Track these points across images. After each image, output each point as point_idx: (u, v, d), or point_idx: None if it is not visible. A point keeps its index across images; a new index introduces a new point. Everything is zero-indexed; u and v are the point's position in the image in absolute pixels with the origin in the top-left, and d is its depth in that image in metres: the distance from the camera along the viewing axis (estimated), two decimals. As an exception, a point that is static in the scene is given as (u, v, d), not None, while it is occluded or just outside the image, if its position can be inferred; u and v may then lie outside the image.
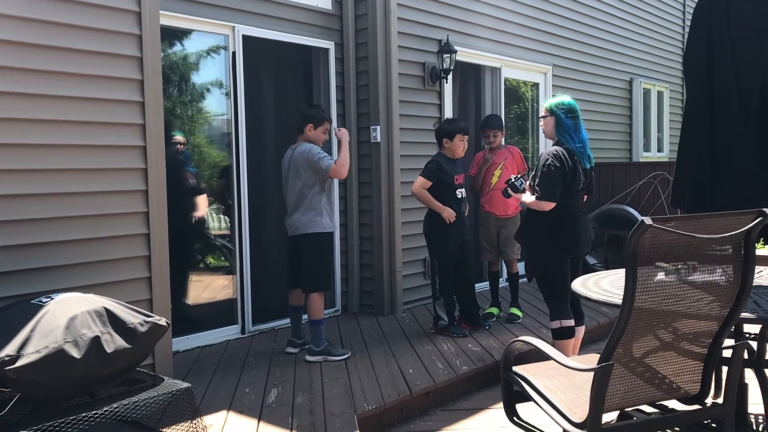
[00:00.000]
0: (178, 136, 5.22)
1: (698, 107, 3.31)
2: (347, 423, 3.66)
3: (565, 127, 4.30)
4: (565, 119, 4.30)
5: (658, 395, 2.62)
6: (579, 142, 4.32)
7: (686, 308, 2.50)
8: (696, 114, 3.33)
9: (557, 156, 4.19)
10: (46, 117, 3.49)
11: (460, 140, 5.35)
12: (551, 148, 4.31)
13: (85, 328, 2.73)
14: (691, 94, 3.37)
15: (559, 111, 4.32)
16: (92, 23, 3.63)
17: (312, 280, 4.76)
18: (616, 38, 9.42)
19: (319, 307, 4.75)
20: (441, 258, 5.36)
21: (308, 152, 4.69)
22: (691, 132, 3.39)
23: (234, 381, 4.36)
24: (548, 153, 4.24)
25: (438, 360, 4.75)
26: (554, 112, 4.34)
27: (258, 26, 5.49)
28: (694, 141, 3.36)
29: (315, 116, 4.87)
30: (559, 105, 4.34)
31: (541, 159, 4.26)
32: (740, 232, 2.45)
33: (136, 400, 2.82)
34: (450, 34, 6.59)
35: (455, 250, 5.37)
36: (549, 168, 4.17)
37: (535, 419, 2.88)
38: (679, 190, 3.45)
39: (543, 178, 4.19)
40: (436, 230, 5.33)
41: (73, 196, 3.60)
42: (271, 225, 5.83)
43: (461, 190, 5.40)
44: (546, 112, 4.41)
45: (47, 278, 3.48)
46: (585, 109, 8.72)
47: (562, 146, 4.27)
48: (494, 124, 5.98)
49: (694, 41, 3.36)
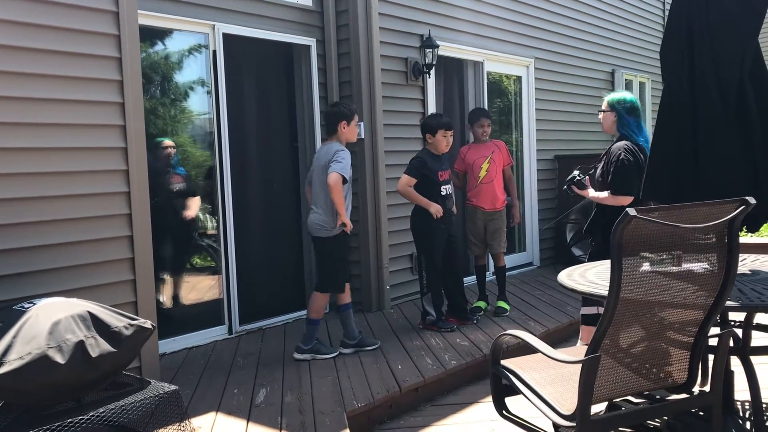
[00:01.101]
0: (167, 140, 5.21)
1: (676, 98, 3.31)
2: (337, 421, 3.65)
3: (626, 122, 4.30)
4: (627, 116, 4.30)
5: (646, 385, 2.63)
6: (643, 137, 4.31)
7: (672, 298, 2.51)
8: (673, 104, 3.33)
9: (629, 150, 4.20)
10: (24, 120, 3.44)
11: (443, 135, 5.33)
12: (620, 143, 4.29)
13: (69, 333, 2.70)
14: (668, 83, 3.36)
15: (620, 108, 4.34)
16: (69, 24, 3.59)
17: (321, 280, 4.85)
18: (598, 30, 9.45)
19: (319, 306, 4.77)
20: (428, 253, 5.36)
21: (332, 152, 4.61)
22: (668, 123, 3.39)
23: (222, 382, 4.34)
24: (619, 148, 4.23)
25: (427, 355, 4.75)
26: (615, 108, 4.36)
27: (238, 24, 5.46)
28: (671, 132, 3.36)
29: (346, 112, 4.78)
30: (621, 101, 4.35)
31: (612, 154, 4.24)
32: (724, 221, 2.46)
33: (123, 404, 2.79)
34: (432, 29, 6.58)
35: (442, 245, 5.37)
36: (623, 162, 4.16)
37: (524, 412, 2.88)
38: (653, 182, 3.43)
39: (618, 173, 4.17)
40: (423, 226, 5.32)
41: (53, 200, 3.56)
42: (256, 224, 5.81)
43: (446, 187, 5.38)
44: (607, 107, 4.42)
45: (29, 283, 3.44)
46: (568, 101, 8.79)
47: (629, 140, 4.26)
48: (484, 114, 6.04)
49: (672, 30, 3.36)
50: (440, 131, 5.33)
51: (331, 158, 4.59)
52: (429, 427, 3.94)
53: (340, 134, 4.76)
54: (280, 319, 5.85)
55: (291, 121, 6.09)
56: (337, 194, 4.52)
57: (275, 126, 5.99)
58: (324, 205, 4.67)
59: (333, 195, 4.52)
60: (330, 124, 4.82)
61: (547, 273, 7.85)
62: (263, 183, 5.87)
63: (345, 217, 4.62)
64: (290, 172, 6.10)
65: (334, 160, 4.56)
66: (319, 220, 4.70)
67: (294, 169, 6.12)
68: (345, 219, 4.62)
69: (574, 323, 5.75)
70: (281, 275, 6.01)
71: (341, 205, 4.58)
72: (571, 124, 8.94)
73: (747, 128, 3.22)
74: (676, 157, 3.32)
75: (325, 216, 4.67)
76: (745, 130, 3.22)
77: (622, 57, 10.05)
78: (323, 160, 4.68)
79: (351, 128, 4.79)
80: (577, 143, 9.02)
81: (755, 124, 3.22)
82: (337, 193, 4.51)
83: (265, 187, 5.89)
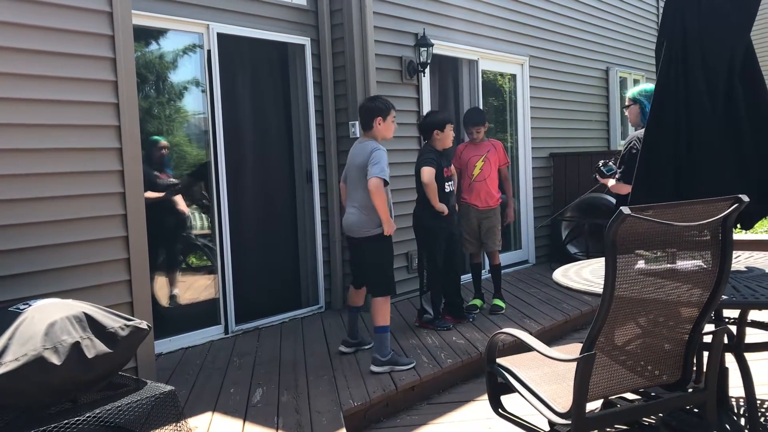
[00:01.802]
0: (162, 141, 5.22)
1: (667, 94, 3.33)
2: (333, 420, 3.65)
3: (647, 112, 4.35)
4: (649, 105, 4.34)
5: (641, 382, 2.64)
6: None
7: (666, 295, 2.52)
8: (665, 102, 3.34)
9: (641, 140, 4.21)
10: (17, 121, 3.43)
11: (450, 130, 5.40)
12: (637, 131, 4.35)
13: (65, 334, 2.69)
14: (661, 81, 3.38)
15: (642, 98, 4.41)
16: (62, 24, 3.57)
17: (374, 284, 4.55)
18: (592, 27, 9.47)
19: (384, 311, 4.45)
20: (430, 251, 5.36)
21: (367, 151, 4.41)
22: (662, 121, 3.40)
23: (218, 382, 4.34)
24: (633, 137, 4.30)
25: (423, 354, 4.76)
26: (638, 99, 4.45)
27: (232, 24, 5.45)
28: (663, 130, 3.37)
29: (382, 108, 4.55)
30: (642, 92, 4.44)
31: (626, 143, 4.33)
32: (718, 219, 2.47)
33: (119, 404, 2.79)
34: (426, 28, 6.59)
35: (444, 243, 5.37)
36: (630, 151, 4.22)
37: (520, 410, 2.89)
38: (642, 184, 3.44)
39: (625, 162, 4.24)
40: (427, 223, 5.33)
41: (48, 201, 3.55)
42: (251, 223, 5.80)
43: (449, 183, 5.41)
44: (630, 102, 4.51)
45: (24, 285, 3.43)
46: (562, 99, 8.81)
47: None
48: (476, 120, 5.93)
49: (665, 27, 3.37)
50: (448, 125, 5.37)
51: (367, 158, 4.38)
52: (425, 425, 3.94)
53: (376, 131, 4.55)
54: (276, 318, 5.86)
55: (286, 120, 6.09)
56: (380, 200, 4.31)
57: (270, 125, 5.99)
58: (361, 204, 4.46)
59: (375, 201, 4.31)
60: (365, 119, 4.58)
61: (542, 271, 7.87)
62: (259, 182, 5.87)
63: (387, 222, 4.41)
64: (286, 171, 6.10)
65: (371, 161, 4.34)
66: (358, 220, 4.48)
67: (289, 167, 6.12)
68: (387, 225, 4.41)
69: (570, 321, 5.77)
70: (277, 274, 6.02)
71: (384, 211, 4.37)
72: (566, 122, 8.95)
73: (735, 125, 3.24)
74: (668, 155, 3.33)
75: (364, 216, 4.45)
76: (734, 128, 3.24)
77: (616, 55, 10.07)
78: (358, 159, 4.47)
79: (387, 124, 4.57)
80: (573, 141, 9.04)
81: (743, 121, 3.24)
82: (380, 198, 4.31)
83: (260, 186, 5.88)
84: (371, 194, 4.32)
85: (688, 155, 3.28)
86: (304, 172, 6.14)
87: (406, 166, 6.33)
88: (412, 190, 5.60)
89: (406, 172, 6.40)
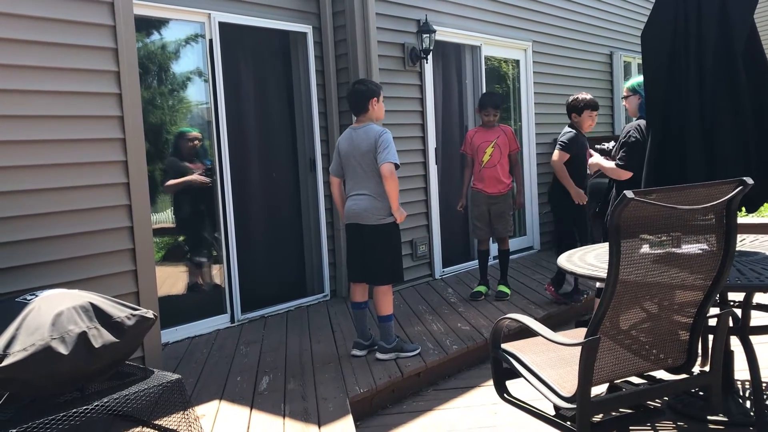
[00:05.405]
0: (192, 132, 5.33)
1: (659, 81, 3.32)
2: (339, 407, 3.67)
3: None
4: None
5: (646, 366, 2.65)
6: None
7: (671, 279, 2.52)
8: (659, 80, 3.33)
9: (639, 129, 4.41)
10: (21, 113, 3.44)
11: (588, 115, 5.59)
12: (636, 121, 4.51)
13: (72, 324, 2.71)
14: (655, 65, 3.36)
15: (641, 89, 4.46)
16: (64, 15, 3.57)
17: (381, 272, 4.45)
18: (595, 12, 9.41)
19: (388, 300, 4.44)
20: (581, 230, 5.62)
21: (373, 136, 4.33)
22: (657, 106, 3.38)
23: (225, 370, 4.36)
24: (631, 126, 4.47)
25: (428, 340, 4.78)
26: (636, 90, 4.55)
27: (234, 12, 5.44)
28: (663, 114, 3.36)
29: (374, 89, 4.49)
30: (640, 84, 4.47)
31: (625, 132, 4.50)
32: (722, 202, 2.47)
33: (127, 393, 2.81)
34: (428, 14, 6.55)
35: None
36: (628, 138, 4.43)
37: (525, 395, 2.90)
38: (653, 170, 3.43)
39: (622, 148, 4.47)
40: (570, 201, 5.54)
41: (53, 192, 3.56)
42: (256, 211, 5.81)
43: None
44: (628, 92, 4.63)
45: (31, 275, 3.45)
46: (566, 84, 8.76)
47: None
48: (496, 102, 5.99)
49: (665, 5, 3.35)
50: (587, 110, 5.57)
51: (374, 144, 4.30)
52: (431, 411, 3.96)
53: (372, 112, 4.47)
54: (281, 306, 5.87)
55: (289, 108, 6.08)
56: (394, 186, 4.27)
57: (273, 114, 5.98)
58: (373, 191, 4.36)
59: (388, 187, 4.25)
60: (361, 102, 4.46)
61: (547, 257, 7.86)
62: (262, 171, 5.87)
63: (398, 210, 4.37)
64: (289, 160, 6.10)
65: (381, 146, 4.27)
66: (371, 206, 4.35)
67: (293, 156, 6.12)
68: (397, 211, 4.37)
69: (575, 306, 5.77)
70: (282, 263, 6.03)
71: (397, 198, 4.32)
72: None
73: (737, 108, 3.22)
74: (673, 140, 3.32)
75: (378, 202, 4.35)
76: (735, 111, 3.23)
77: (620, 39, 10.01)
78: (364, 144, 4.35)
79: (380, 105, 4.51)
80: (576, 126, 8.98)
81: (746, 105, 3.22)
82: (395, 184, 4.27)
83: (264, 175, 5.88)
84: (385, 180, 4.26)
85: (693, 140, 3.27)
86: (307, 160, 6.13)
87: (409, 153, 6.33)
88: (415, 177, 5.62)
89: (411, 160, 6.41)
